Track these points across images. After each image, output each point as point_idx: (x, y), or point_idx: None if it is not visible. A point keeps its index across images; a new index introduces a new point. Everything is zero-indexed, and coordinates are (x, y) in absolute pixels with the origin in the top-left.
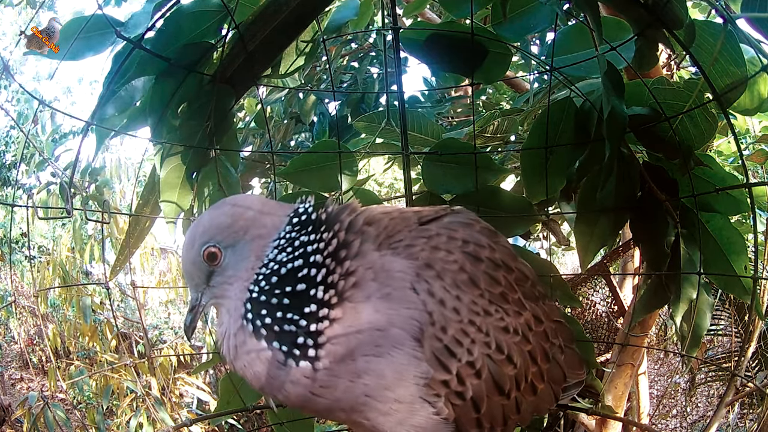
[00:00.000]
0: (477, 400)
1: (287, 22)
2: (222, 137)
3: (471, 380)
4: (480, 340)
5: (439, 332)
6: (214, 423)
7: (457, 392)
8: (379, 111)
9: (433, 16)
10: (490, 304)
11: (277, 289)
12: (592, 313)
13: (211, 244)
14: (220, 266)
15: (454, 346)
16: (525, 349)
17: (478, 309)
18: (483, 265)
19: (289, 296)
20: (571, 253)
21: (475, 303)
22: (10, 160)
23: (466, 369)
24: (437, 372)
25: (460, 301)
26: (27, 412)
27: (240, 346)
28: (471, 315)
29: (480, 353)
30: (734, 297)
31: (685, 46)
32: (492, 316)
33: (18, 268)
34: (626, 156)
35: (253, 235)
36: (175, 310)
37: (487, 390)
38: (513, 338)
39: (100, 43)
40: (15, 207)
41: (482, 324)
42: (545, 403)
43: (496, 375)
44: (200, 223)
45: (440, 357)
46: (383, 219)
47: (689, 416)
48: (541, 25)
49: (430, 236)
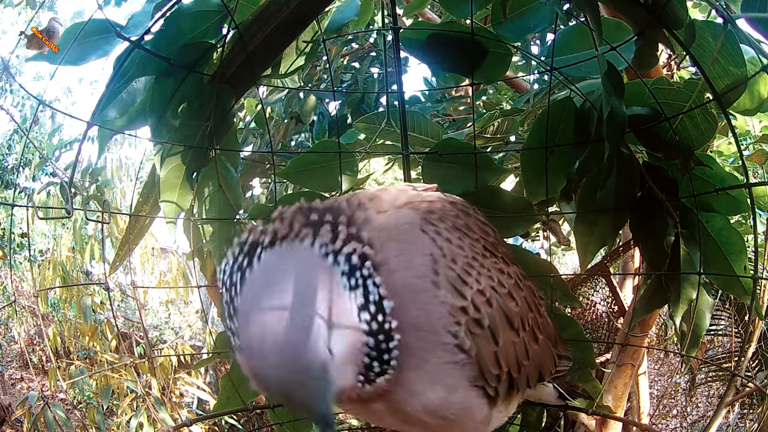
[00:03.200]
0: (493, 330)
1: (287, 22)
2: (222, 137)
3: (485, 308)
4: (484, 273)
5: (450, 263)
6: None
7: (475, 319)
8: (379, 111)
9: (433, 16)
10: (485, 250)
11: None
12: (592, 313)
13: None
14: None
15: (464, 275)
16: (520, 294)
17: (477, 249)
18: (473, 219)
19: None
20: (571, 253)
21: (473, 246)
22: (12, 164)
23: (478, 296)
24: (455, 298)
25: (462, 241)
26: (27, 412)
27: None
28: (473, 253)
29: (486, 285)
30: (734, 297)
31: (685, 46)
32: (488, 259)
33: (18, 268)
34: (626, 156)
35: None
36: (175, 310)
37: (500, 321)
38: (509, 280)
39: (101, 47)
40: (15, 207)
41: (483, 262)
42: (547, 360)
43: (504, 308)
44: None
45: (455, 284)
46: (380, 194)
47: (689, 416)
48: (541, 26)
49: (426, 197)
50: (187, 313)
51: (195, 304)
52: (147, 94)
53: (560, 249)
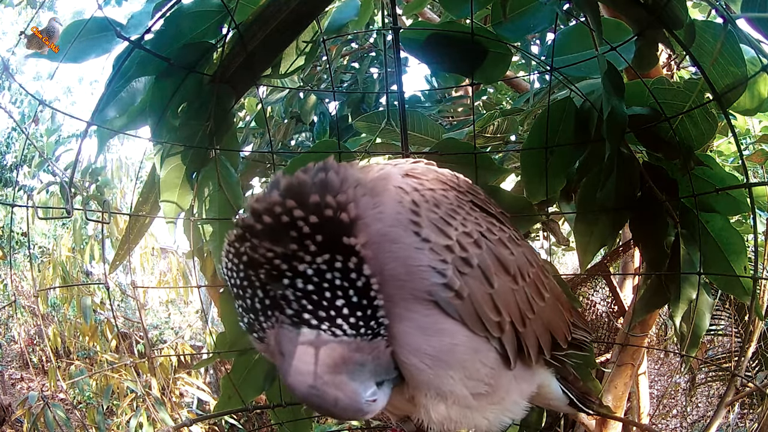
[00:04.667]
0: (485, 270)
1: (287, 22)
2: (222, 137)
3: (473, 248)
4: (471, 220)
5: (433, 207)
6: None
7: (462, 258)
8: (379, 111)
9: (433, 16)
10: (473, 205)
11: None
12: (592, 313)
13: None
14: None
15: (448, 218)
16: (516, 248)
17: (464, 201)
18: (462, 180)
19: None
20: (571, 253)
21: (459, 197)
22: (11, 162)
23: (464, 237)
24: (438, 237)
25: (446, 192)
26: (27, 412)
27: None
28: (459, 202)
29: (474, 229)
30: (734, 297)
31: (685, 46)
32: (478, 212)
33: (18, 268)
34: (626, 156)
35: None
36: (175, 310)
37: (492, 263)
38: (502, 233)
39: (101, 46)
40: (15, 207)
41: (470, 212)
42: (559, 321)
43: (495, 251)
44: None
45: (438, 225)
46: (372, 164)
47: (689, 416)
48: (541, 25)
49: (412, 162)
50: (187, 313)
51: (195, 304)
52: (147, 94)
53: (560, 249)
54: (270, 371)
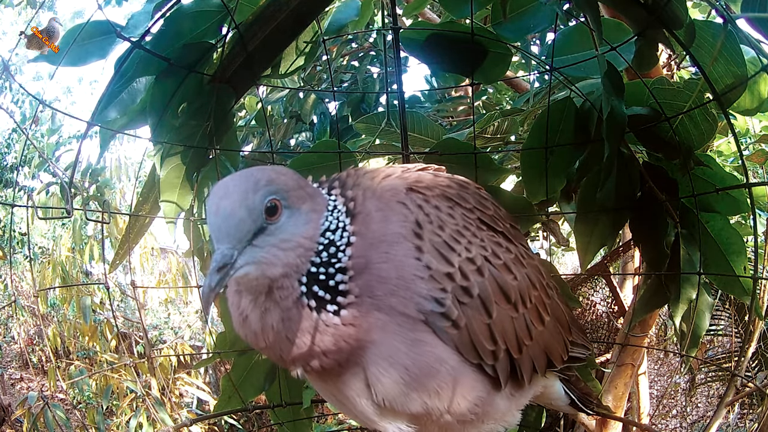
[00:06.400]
0: (485, 300)
1: (287, 22)
2: (222, 137)
3: (474, 276)
4: (476, 243)
5: (437, 229)
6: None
7: (463, 287)
8: (379, 111)
9: (433, 16)
10: (480, 222)
11: (331, 266)
12: (592, 313)
13: (276, 197)
14: (275, 225)
15: (452, 242)
16: (521, 270)
17: (471, 219)
18: (471, 191)
19: (338, 270)
20: (571, 253)
21: (466, 215)
22: (11, 162)
23: (467, 264)
24: (440, 264)
25: (452, 210)
26: (27, 412)
27: (291, 321)
28: (465, 222)
29: (478, 254)
30: (734, 297)
31: (685, 46)
32: (485, 231)
33: (18, 268)
34: (626, 156)
35: (312, 208)
36: (175, 310)
37: (493, 292)
38: (507, 254)
39: (102, 48)
40: (15, 207)
41: (476, 232)
42: (556, 344)
43: (498, 279)
44: (265, 171)
45: (440, 250)
46: (379, 168)
47: (689, 416)
48: (541, 26)
49: (418, 170)
50: (186, 313)
51: (195, 304)
52: (147, 94)
53: (560, 249)
54: (270, 371)
